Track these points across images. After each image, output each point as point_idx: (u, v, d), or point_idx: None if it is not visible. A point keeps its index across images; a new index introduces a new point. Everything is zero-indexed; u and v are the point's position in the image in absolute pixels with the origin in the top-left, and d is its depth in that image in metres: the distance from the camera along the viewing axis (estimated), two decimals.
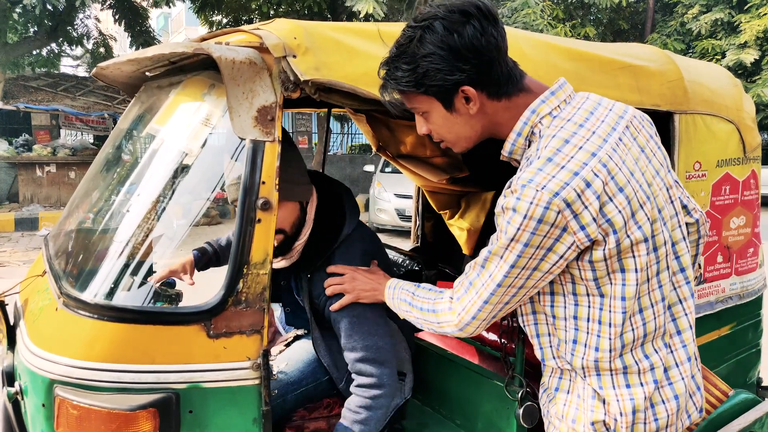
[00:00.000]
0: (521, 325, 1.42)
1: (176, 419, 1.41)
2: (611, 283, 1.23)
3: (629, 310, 1.25)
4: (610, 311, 1.25)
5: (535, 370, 2.32)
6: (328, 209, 1.82)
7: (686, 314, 1.36)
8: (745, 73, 15.42)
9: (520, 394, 1.69)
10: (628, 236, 1.19)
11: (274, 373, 1.49)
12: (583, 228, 1.16)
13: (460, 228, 2.84)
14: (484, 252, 1.28)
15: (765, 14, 14.59)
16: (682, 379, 1.33)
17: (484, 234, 2.75)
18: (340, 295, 1.69)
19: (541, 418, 1.70)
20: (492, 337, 2.46)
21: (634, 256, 1.22)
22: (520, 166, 1.30)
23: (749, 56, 14.85)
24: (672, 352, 1.34)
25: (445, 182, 2.67)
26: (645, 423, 1.30)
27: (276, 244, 1.62)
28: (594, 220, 1.16)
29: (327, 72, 1.43)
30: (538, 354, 1.41)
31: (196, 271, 2.13)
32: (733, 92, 2.30)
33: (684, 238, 1.35)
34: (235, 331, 1.44)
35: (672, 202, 1.33)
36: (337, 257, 1.75)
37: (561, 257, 1.20)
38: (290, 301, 1.97)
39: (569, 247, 1.18)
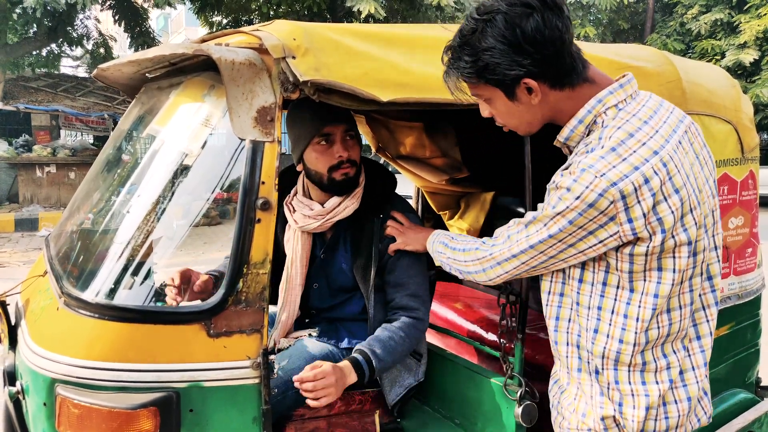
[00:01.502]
0: (543, 303, 1.44)
1: (177, 418, 1.42)
2: (644, 280, 1.25)
3: (659, 308, 1.27)
4: (639, 306, 1.27)
5: (535, 370, 2.33)
6: (375, 166, 2.06)
7: (708, 321, 1.38)
8: (745, 74, 15.44)
9: (519, 394, 1.70)
10: (674, 237, 1.21)
11: (275, 370, 1.50)
12: (630, 221, 1.18)
13: (459, 228, 2.85)
14: (530, 215, 1.31)
15: (764, 14, 14.61)
16: (697, 382, 1.36)
17: (483, 234, 2.75)
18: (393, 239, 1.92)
19: (540, 417, 1.71)
20: (491, 337, 2.47)
21: (674, 257, 1.24)
22: (573, 153, 1.32)
23: (749, 56, 14.87)
24: (690, 355, 1.36)
25: (445, 183, 2.67)
26: (656, 420, 1.32)
27: (351, 175, 1.87)
28: (644, 215, 1.18)
29: (326, 73, 1.44)
30: (551, 336, 1.42)
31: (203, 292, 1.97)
32: (731, 93, 2.31)
33: (716, 247, 1.37)
34: (235, 331, 1.45)
35: (713, 211, 1.35)
36: (398, 206, 1.99)
37: (600, 242, 1.22)
38: (324, 274, 2.00)
39: (611, 235, 1.21)
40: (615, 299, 1.29)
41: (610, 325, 1.30)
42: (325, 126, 1.82)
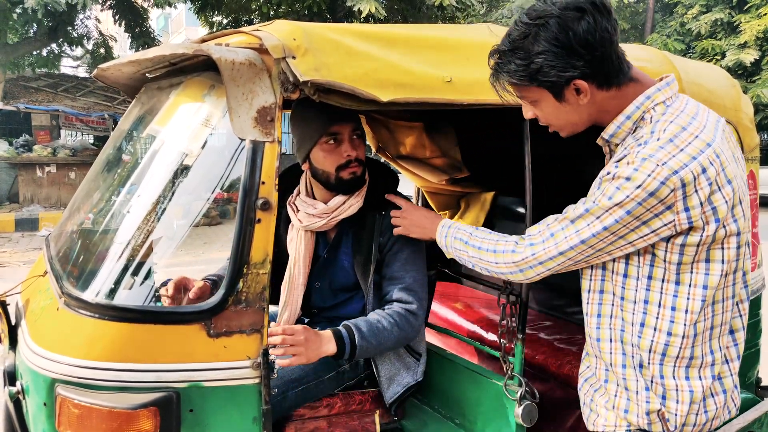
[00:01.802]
0: (583, 302, 1.45)
1: (177, 418, 1.42)
2: (691, 272, 1.28)
3: (708, 300, 1.29)
4: (688, 298, 1.29)
5: (535, 370, 2.33)
6: (377, 165, 2.06)
7: (741, 315, 1.41)
8: (745, 74, 15.44)
9: (519, 394, 1.70)
10: (725, 227, 1.24)
11: (275, 370, 1.50)
12: (687, 210, 1.20)
13: None
14: (577, 209, 1.31)
15: (765, 14, 14.61)
16: (731, 375, 1.39)
17: None
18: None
19: (540, 417, 1.71)
20: (491, 337, 2.47)
21: (723, 248, 1.27)
22: (618, 150, 1.33)
23: (749, 56, 14.87)
24: (726, 348, 1.39)
25: (445, 183, 2.67)
26: (697, 414, 1.35)
27: (359, 174, 1.88)
28: (701, 204, 1.20)
29: (326, 73, 1.44)
30: (593, 333, 1.43)
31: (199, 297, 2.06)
32: (731, 93, 2.31)
33: (748, 244, 1.39)
34: (235, 331, 1.45)
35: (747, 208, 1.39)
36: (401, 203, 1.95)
37: (652, 231, 1.24)
38: (326, 273, 2.01)
39: (665, 224, 1.22)
40: (661, 292, 1.31)
41: (657, 318, 1.32)
42: (333, 125, 1.82)
